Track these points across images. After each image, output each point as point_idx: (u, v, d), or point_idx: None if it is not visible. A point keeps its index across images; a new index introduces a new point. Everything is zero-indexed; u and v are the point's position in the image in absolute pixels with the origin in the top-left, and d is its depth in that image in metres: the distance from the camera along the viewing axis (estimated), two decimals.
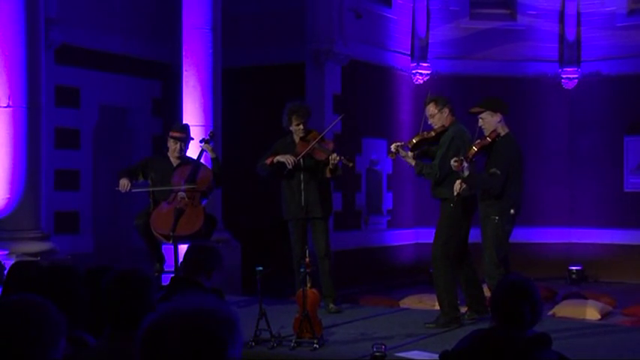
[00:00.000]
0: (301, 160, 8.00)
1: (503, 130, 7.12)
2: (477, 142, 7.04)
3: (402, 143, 7.62)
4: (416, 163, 7.48)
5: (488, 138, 7.05)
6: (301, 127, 8.07)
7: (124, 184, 8.07)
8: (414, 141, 7.54)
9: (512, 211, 6.99)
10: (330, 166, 7.94)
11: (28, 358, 2.31)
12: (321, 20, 13.20)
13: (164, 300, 3.96)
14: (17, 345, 2.30)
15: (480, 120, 7.16)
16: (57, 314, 2.40)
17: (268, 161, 8.08)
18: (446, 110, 7.49)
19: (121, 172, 8.36)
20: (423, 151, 7.65)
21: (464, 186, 7.02)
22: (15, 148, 8.57)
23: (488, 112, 7.10)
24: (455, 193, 7.07)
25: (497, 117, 7.08)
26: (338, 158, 7.85)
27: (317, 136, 8.15)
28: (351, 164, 8.04)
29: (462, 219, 7.37)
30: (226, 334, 1.79)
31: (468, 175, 6.92)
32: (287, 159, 7.96)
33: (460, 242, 7.44)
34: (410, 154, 7.52)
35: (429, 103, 7.57)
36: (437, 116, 7.49)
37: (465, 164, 6.84)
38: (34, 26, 8.66)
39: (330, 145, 8.14)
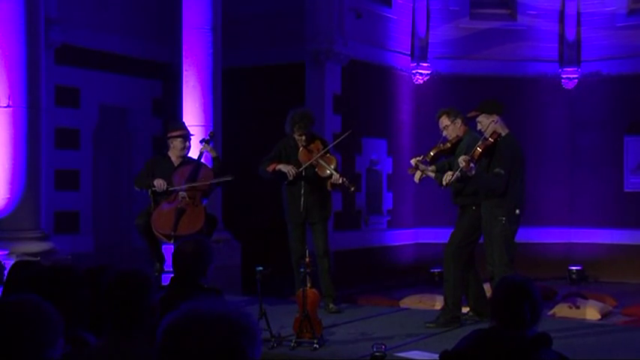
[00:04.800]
0: (303, 173, 8.03)
1: (503, 131, 7.15)
2: (479, 143, 7.07)
3: (421, 157, 7.72)
4: (436, 175, 7.61)
5: (490, 139, 7.08)
6: (303, 137, 8.08)
7: (161, 183, 8.03)
8: (432, 154, 7.66)
9: (517, 211, 7.04)
10: (332, 182, 8.00)
11: (25, 358, 2.31)
12: (321, 20, 13.20)
13: (164, 300, 3.95)
14: (15, 345, 2.30)
15: (478, 123, 7.22)
16: (55, 314, 2.40)
17: (270, 168, 8.10)
18: (458, 121, 7.61)
19: (139, 181, 8.27)
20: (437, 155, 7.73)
21: (454, 177, 7.08)
22: (15, 148, 8.57)
23: (483, 114, 7.16)
24: (444, 183, 7.16)
25: (494, 118, 7.11)
26: (340, 181, 7.88)
27: (320, 147, 8.14)
28: (352, 188, 8.08)
29: (480, 223, 7.40)
30: (245, 340, 1.79)
31: (474, 175, 6.96)
32: (289, 170, 7.97)
33: (473, 244, 7.52)
34: (428, 167, 7.64)
35: (441, 116, 7.69)
36: (450, 127, 7.62)
37: (472, 164, 6.88)
38: (34, 26, 8.66)
39: (333, 162, 8.10)
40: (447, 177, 7.22)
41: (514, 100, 14.04)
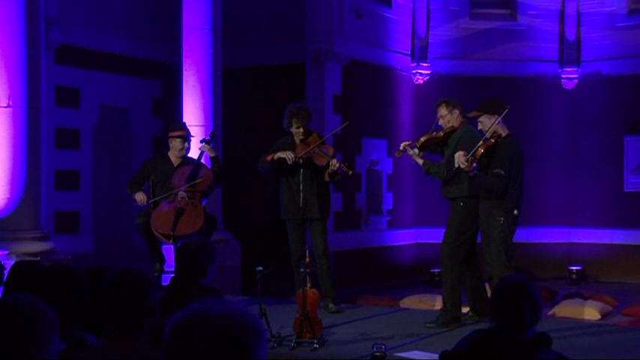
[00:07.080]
0: (300, 160, 8.02)
1: (503, 132, 7.14)
2: (481, 143, 7.04)
3: (410, 142, 7.67)
4: (424, 162, 7.57)
5: (491, 139, 7.07)
6: (301, 130, 8.09)
7: (142, 198, 8.08)
8: (422, 140, 7.59)
9: (515, 211, 7.02)
10: (329, 171, 7.97)
11: (20, 358, 2.31)
12: (321, 20, 13.20)
13: (164, 300, 3.95)
14: (10, 344, 2.30)
15: (479, 123, 7.20)
16: (49, 312, 2.39)
17: (269, 158, 8.09)
18: (456, 112, 7.57)
19: (130, 184, 8.34)
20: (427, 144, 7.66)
21: (467, 160, 6.84)
22: (15, 148, 8.57)
23: (485, 115, 7.14)
24: (456, 165, 6.94)
25: (496, 119, 7.09)
26: (337, 165, 7.86)
27: (317, 139, 8.16)
28: (350, 172, 8.03)
29: (472, 219, 7.36)
30: (252, 339, 1.80)
31: (474, 175, 6.94)
32: (287, 154, 7.97)
33: (469, 242, 7.48)
34: (417, 151, 7.57)
35: (440, 105, 7.65)
36: (447, 117, 7.58)
37: (475, 164, 6.86)
38: (34, 26, 8.66)
39: (330, 151, 8.13)
40: (460, 158, 6.88)
41: (514, 100, 13.96)
